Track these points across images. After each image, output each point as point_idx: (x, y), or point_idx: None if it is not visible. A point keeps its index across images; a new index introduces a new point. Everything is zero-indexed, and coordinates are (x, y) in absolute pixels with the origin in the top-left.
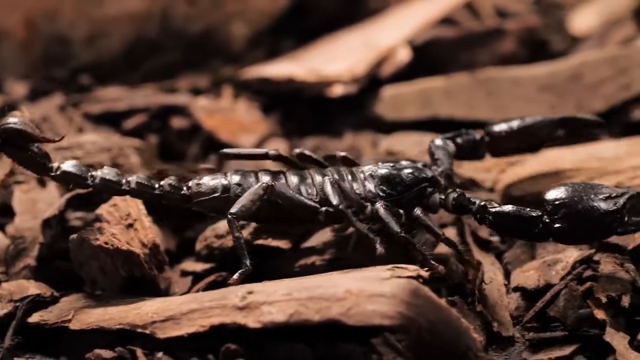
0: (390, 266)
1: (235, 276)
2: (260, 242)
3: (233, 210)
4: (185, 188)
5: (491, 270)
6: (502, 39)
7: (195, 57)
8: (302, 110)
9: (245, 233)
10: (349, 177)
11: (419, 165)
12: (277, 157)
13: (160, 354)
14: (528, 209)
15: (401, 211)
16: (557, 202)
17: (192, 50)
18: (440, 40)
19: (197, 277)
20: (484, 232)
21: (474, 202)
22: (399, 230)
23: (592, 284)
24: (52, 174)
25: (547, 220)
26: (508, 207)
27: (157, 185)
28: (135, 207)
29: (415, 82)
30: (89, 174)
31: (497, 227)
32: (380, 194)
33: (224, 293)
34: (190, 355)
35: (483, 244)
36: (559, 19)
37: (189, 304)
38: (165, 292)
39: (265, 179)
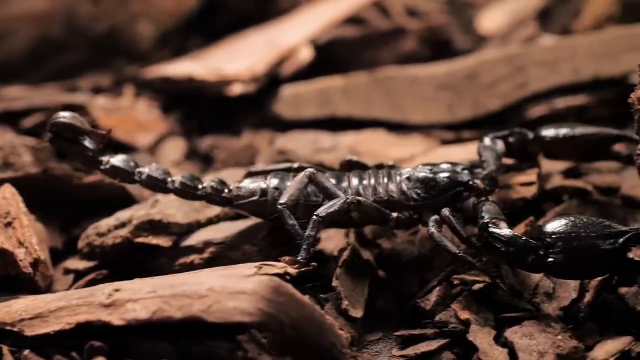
0: (258, 263)
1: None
2: (140, 239)
3: (282, 200)
4: (226, 190)
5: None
6: (403, 38)
7: (100, 56)
8: (204, 109)
9: (126, 231)
10: (385, 179)
11: (459, 168)
12: (299, 169)
13: (27, 352)
14: (525, 238)
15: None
16: (554, 235)
17: (98, 50)
18: (343, 39)
19: (78, 275)
20: (368, 232)
21: (483, 217)
22: (457, 251)
23: (462, 287)
24: (102, 167)
25: (541, 253)
26: (506, 232)
27: (200, 187)
28: (15, 205)
29: (314, 81)
30: (137, 169)
31: (489, 249)
32: (414, 196)
33: (92, 291)
34: (56, 352)
35: (366, 244)
36: (468, 18)
37: (57, 302)
38: (46, 290)
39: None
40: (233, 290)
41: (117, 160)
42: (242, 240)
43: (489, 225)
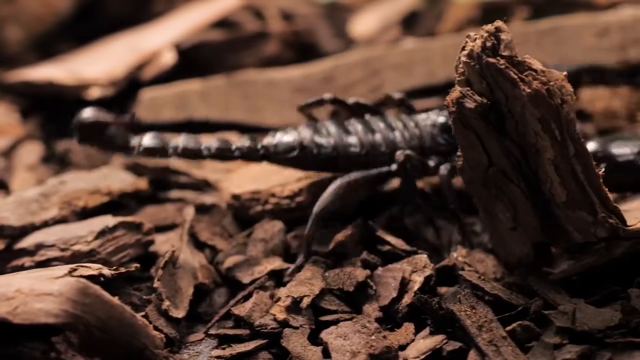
0: (74, 265)
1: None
2: None
3: (317, 210)
4: (260, 147)
5: (196, 268)
6: (266, 42)
7: None
8: (66, 113)
9: None
10: (413, 124)
11: None
12: (333, 101)
13: None
14: None
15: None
16: None
17: None
18: (207, 43)
19: None
20: (203, 234)
21: None
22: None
23: (279, 289)
24: (136, 151)
25: None
26: None
27: (234, 147)
28: None
29: (173, 84)
30: (170, 145)
31: None
32: (442, 141)
33: None
34: None
35: (199, 245)
36: (342, 22)
37: None
38: None
39: (333, 129)
40: (40, 292)
41: (148, 140)
42: (74, 242)
43: None
